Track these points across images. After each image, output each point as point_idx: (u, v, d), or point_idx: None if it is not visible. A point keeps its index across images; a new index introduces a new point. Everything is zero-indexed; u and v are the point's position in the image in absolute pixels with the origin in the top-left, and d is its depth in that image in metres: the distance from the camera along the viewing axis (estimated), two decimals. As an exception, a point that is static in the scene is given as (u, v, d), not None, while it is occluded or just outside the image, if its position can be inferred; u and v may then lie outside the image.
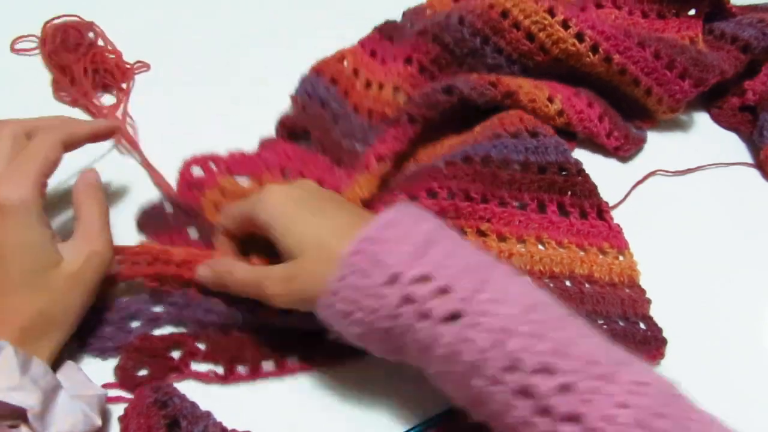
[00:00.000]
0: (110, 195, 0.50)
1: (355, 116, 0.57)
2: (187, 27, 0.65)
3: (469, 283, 0.34)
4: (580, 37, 0.55)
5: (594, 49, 0.55)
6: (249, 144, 0.54)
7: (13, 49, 0.61)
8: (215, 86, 0.60)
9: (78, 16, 0.62)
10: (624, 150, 0.57)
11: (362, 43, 0.63)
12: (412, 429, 0.41)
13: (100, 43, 0.61)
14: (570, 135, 0.57)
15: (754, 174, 0.58)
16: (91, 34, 0.61)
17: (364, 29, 0.65)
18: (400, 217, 0.38)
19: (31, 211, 0.38)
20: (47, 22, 0.61)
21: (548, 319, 0.34)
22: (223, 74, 0.61)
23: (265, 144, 0.54)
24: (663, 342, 0.45)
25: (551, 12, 0.55)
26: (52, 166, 0.41)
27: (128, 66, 0.60)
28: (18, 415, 0.34)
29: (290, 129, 0.55)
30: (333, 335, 0.39)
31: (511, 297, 0.34)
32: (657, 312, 0.47)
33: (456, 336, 0.33)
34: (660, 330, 0.46)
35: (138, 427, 0.37)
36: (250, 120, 0.56)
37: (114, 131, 0.48)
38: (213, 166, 0.52)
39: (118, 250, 0.44)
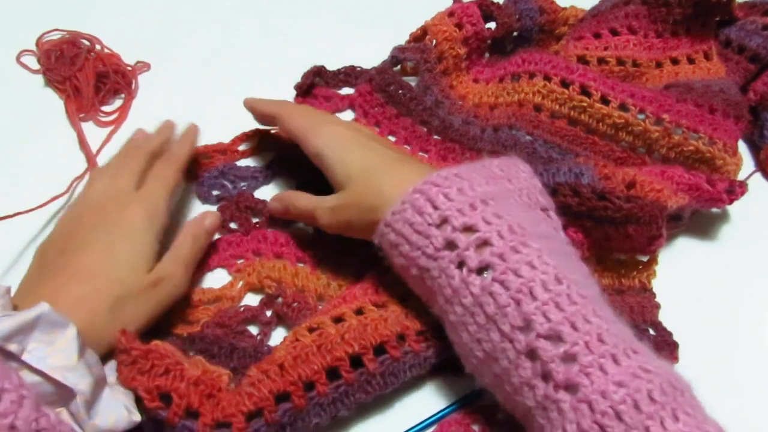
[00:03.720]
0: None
1: None
2: (183, 24, 0.65)
3: (508, 242, 0.36)
4: (623, 108, 0.53)
5: (641, 115, 0.53)
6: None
7: (19, 62, 0.60)
8: (216, 84, 0.60)
9: (68, 31, 0.61)
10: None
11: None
12: (411, 429, 0.41)
13: (97, 48, 0.60)
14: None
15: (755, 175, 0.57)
16: (86, 42, 0.60)
17: (366, 29, 0.65)
18: (469, 172, 0.40)
19: (154, 223, 0.43)
20: (39, 39, 0.60)
21: (573, 293, 0.35)
22: (224, 73, 0.61)
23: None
24: (674, 346, 0.45)
25: (586, 92, 0.54)
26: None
27: (130, 68, 0.60)
28: (61, 399, 0.33)
29: None
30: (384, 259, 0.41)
31: (544, 264, 0.35)
32: (663, 315, 0.47)
33: (482, 287, 0.36)
34: (670, 334, 0.46)
35: None
36: (249, 118, 0.55)
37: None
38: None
39: (124, 348, 0.37)
